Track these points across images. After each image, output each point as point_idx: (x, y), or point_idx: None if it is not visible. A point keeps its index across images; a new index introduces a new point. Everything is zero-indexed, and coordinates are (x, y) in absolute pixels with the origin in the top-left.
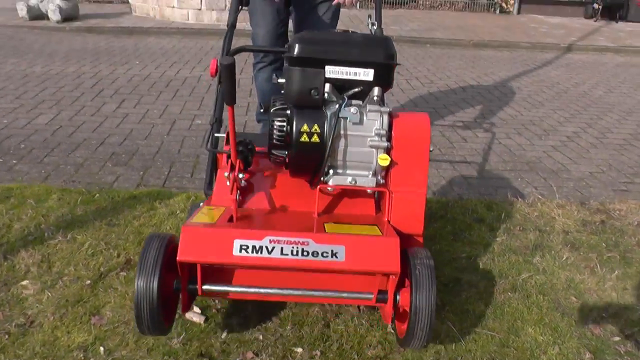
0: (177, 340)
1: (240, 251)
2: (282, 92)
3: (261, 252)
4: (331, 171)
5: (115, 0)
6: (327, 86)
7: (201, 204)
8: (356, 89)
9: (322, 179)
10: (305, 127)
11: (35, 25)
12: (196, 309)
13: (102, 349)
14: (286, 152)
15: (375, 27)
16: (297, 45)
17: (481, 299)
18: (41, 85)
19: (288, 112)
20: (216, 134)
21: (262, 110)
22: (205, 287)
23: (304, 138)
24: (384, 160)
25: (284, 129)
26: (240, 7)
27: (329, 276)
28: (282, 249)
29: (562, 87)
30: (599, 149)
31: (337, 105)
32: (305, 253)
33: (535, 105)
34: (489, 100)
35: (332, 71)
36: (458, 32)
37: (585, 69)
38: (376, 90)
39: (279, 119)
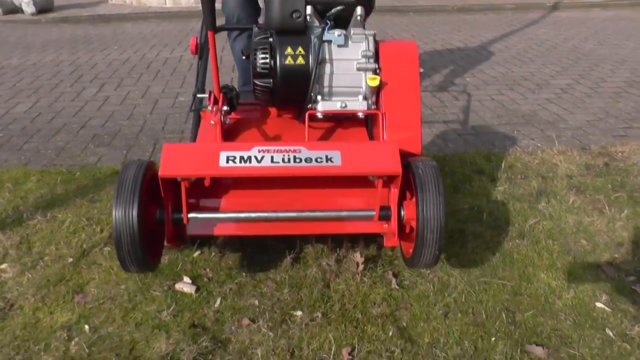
0: (167, 312)
1: (227, 162)
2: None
3: (250, 162)
4: (319, 97)
5: None
6: (309, 8)
7: None
8: (339, 7)
9: (310, 106)
10: (289, 50)
11: (9, 19)
12: (186, 279)
13: (87, 327)
14: (271, 81)
15: None
16: None
17: (488, 249)
18: (18, 76)
19: (271, 39)
20: (199, 95)
21: (243, 84)
22: (191, 214)
23: (289, 60)
24: (373, 80)
25: (268, 56)
26: None
27: (326, 195)
28: (272, 157)
29: (551, 44)
30: (594, 98)
31: (320, 30)
32: (297, 160)
33: (525, 62)
34: (478, 60)
35: None
36: None
37: (573, 25)
38: (359, 9)
39: (262, 46)
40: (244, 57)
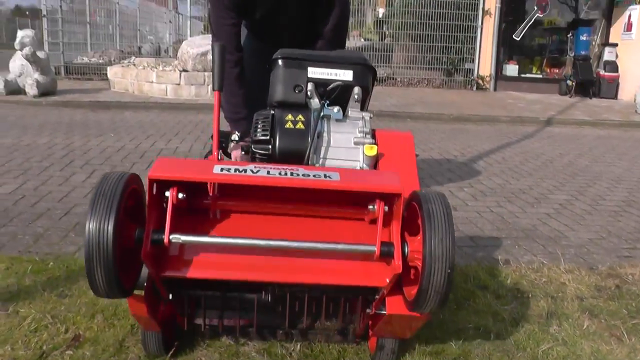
0: None
1: (222, 170)
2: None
3: (245, 172)
4: (317, 164)
5: (95, 78)
6: (310, 85)
7: None
8: (338, 83)
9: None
10: (290, 117)
11: (11, 100)
12: None
13: None
14: (270, 147)
15: None
16: (280, 54)
17: None
18: (9, 156)
19: (272, 112)
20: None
21: None
22: (173, 236)
23: (289, 125)
24: (370, 150)
25: (268, 124)
26: None
27: (324, 225)
28: (268, 171)
29: (547, 158)
30: (594, 216)
31: (319, 105)
32: (294, 174)
33: (522, 175)
34: (475, 170)
35: (314, 72)
36: (437, 107)
37: (567, 140)
38: (356, 90)
39: (263, 117)
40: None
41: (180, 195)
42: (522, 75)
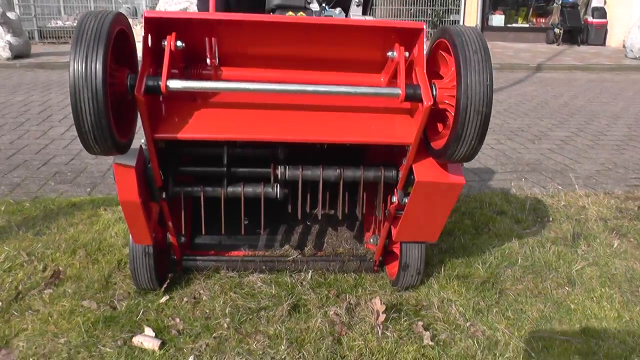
0: None
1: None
2: None
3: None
4: None
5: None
6: None
7: None
8: None
9: None
10: (290, 13)
11: None
12: (148, 331)
13: None
14: None
15: None
16: None
17: (534, 296)
18: None
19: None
20: None
21: None
22: (172, 82)
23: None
24: None
25: None
26: None
27: (340, 81)
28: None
29: (541, 99)
30: (597, 150)
31: (320, 9)
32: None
33: (519, 115)
34: None
35: None
36: None
37: (559, 84)
38: None
39: None
40: None
41: (179, 43)
42: (508, 25)
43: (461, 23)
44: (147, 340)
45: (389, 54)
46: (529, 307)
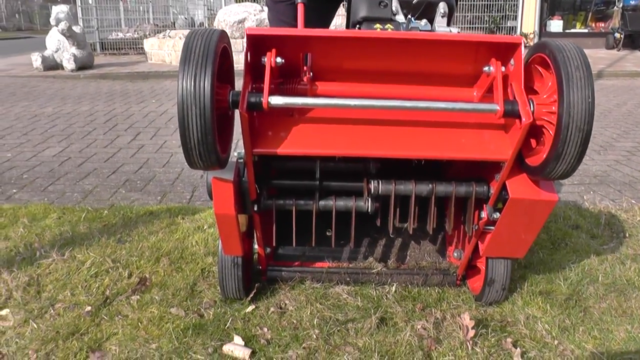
0: None
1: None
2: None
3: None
4: None
5: (131, 52)
6: (395, 1)
7: None
8: None
9: None
10: (378, 25)
11: (49, 75)
12: (237, 340)
13: None
14: None
15: None
16: None
17: (619, 315)
18: (51, 123)
19: (358, 27)
20: None
21: None
22: (273, 99)
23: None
24: None
25: None
26: None
27: (436, 95)
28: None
29: (604, 108)
30: None
31: (406, 21)
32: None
33: None
34: None
35: None
36: None
37: (622, 92)
38: (441, 6)
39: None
40: None
41: (279, 60)
42: (567, 31)
43: (519, 29)
44: (237, 349)
45: (485, 68)
46: (615, 327)
